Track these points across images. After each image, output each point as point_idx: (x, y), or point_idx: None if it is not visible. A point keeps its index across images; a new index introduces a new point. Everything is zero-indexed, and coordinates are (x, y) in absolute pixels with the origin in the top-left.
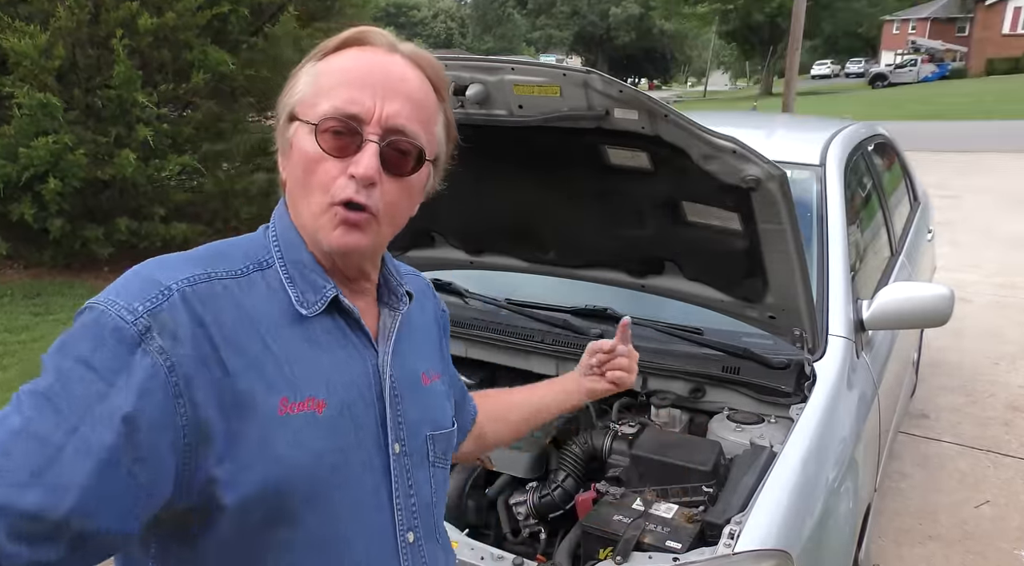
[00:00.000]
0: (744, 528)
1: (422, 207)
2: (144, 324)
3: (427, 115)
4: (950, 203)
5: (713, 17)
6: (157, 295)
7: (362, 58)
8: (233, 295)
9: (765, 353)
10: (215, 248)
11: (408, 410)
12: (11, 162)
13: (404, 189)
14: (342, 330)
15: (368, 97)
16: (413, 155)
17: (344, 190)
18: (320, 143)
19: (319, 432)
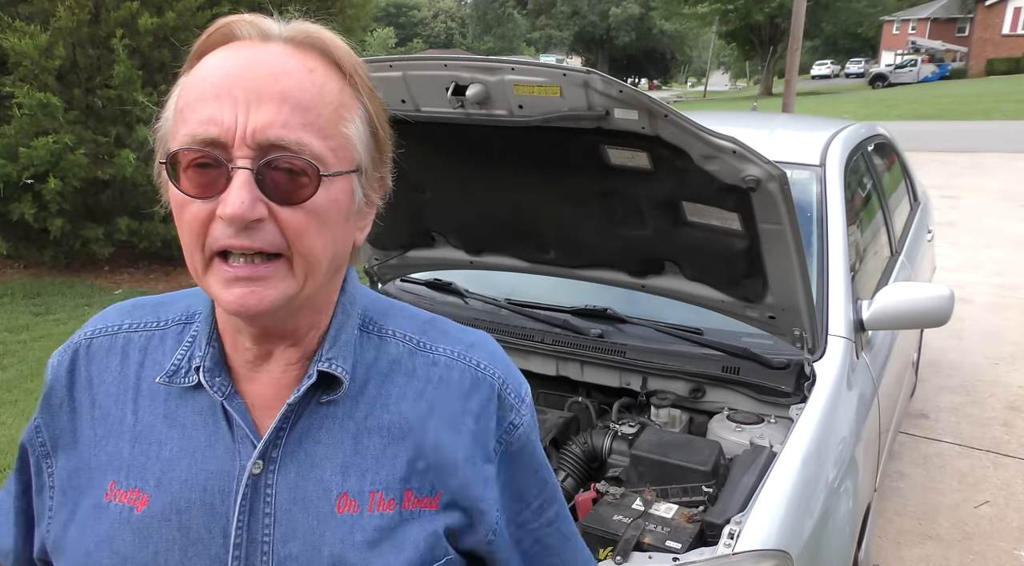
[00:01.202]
0: (744, 528)
1: (422, 207)
2: (49, 384)
3: (320, 115)
4: (950, 203)
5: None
6: (65, 348)
7: (223, 59)
8: (132, 351)
9: (765, 353)
10: (174, 295)
11: (287, 538)
12: (11, 162)
13: (311, 219)
14: (214, 413)
15: (228, 110)
16: (309, 174)
17: (220, 238)
18: (179, 185)
19: (129, 534)
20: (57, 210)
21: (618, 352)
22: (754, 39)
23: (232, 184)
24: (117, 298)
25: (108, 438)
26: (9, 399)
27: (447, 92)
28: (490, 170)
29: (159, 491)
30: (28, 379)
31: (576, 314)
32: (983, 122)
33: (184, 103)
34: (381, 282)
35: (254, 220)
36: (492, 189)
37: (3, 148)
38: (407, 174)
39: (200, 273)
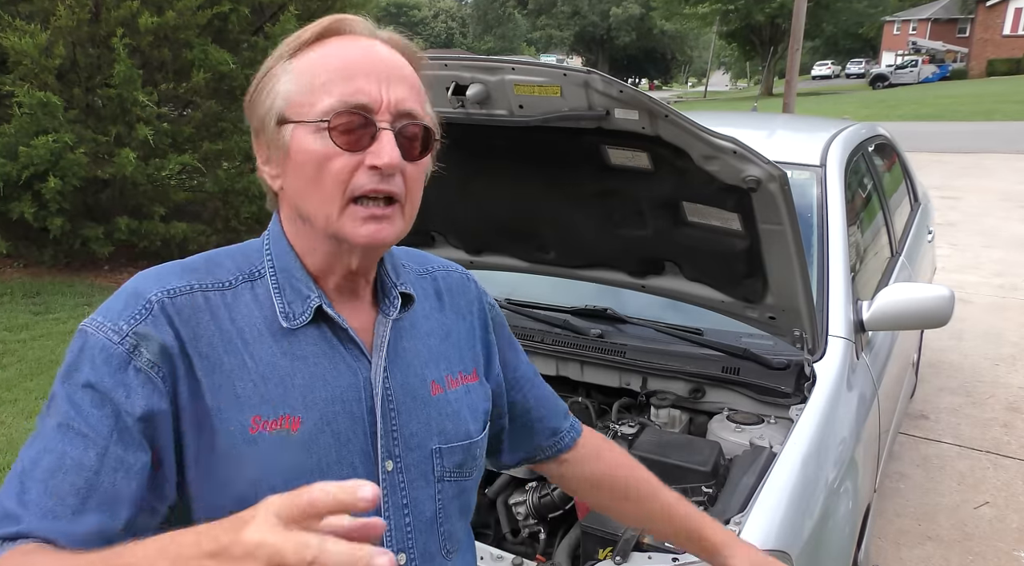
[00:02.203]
0: (744, 528)
1: (422, 207)
2: (131, 342)
3: (423, 97)
4: (950, 204)
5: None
6: (139, 311)
7: (351, 47)
8: (216, 307)
9: (765, 354)
10: (208, 257)
11: (407, 423)
12: (11, 161)
13: (418, 173)
14: (329, 341)
15: (373, 85)
16: (421, 137)
17: (366, 183)
18: (333, 139)
19: (294, 451)
20: (57, 209)
21: (618, 352)
22: (755, 39)
23: (382, 140)
24: None
25: (232, 382)
26: (9, 398)
27: (447, 92)
28: (490, 170)
29: (307, 411)
30: (28, 378)
31: (576, 314)
32: (984, 123)
33: (323, 79)
34: None
35: (396, 172)
36: (492, 189)
37: (3, 147)
38: None
39: (334, 217)
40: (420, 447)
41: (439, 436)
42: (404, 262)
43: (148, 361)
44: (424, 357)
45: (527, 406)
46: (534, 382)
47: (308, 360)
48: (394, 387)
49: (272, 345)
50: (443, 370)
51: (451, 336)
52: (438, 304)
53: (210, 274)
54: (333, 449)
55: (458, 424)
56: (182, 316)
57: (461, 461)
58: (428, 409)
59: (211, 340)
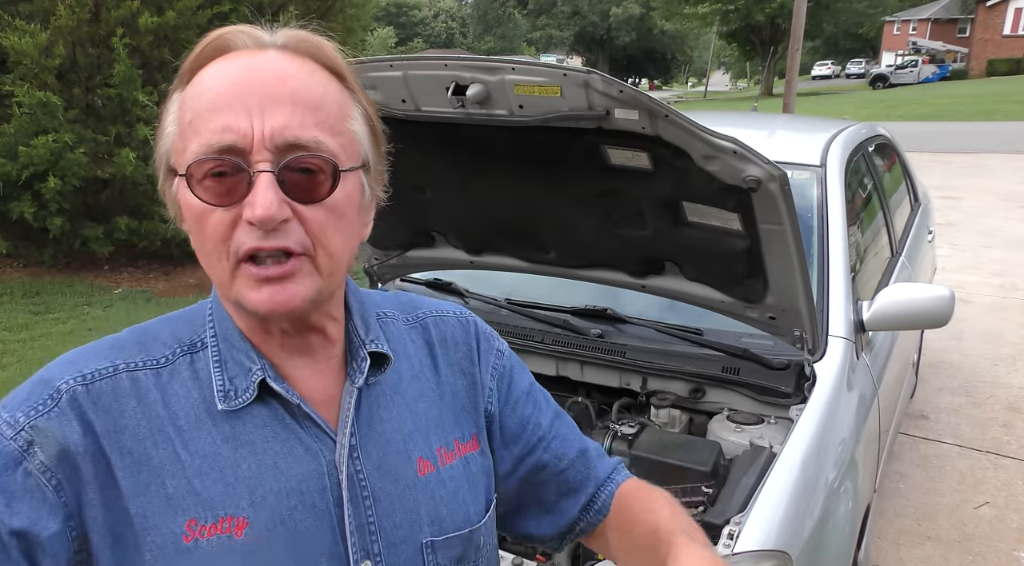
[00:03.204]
0: (743, 529)
1: (422, 207)
2: (25, 438)
3: (329, 114)
4: (951, 204)
5: (714, 18)
6: (44, 401)
7: (225, 69)
8: (145, 391)
9: (765, 354)
10: (144, 329)
11: (389, 513)
12: (11, 160)
13: (331, 215)
14: (281, 421)
15: (242, 117)
16: (325, 171)
17: (247, 242)
18: (199, 194)
19: (237, 561)
20: (57, 209)
21: (618, 352)
22: (755, 39)
23: (256, 187)
24: (117, 297)
25: (162, 480)
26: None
27: (447, 92)
28: (490, 170)
29: (255, 510)
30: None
31: (576, 314)
32: (984, 123)
33: (193, 115)
34: (381, 282)
35: (281, 221)
36: (492, 189)
37: (3, 147)
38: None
39: (226, 281)
40: (407, 541)
41: (431, 526)
42: (388, 310)
43: (41, 464)
44: (409, 429)
45: (559, 468)
46: (567, 437)
47: (256, 446)
48: (368, 469)
49: (212, 431)
50: (435, 442)
51: (446, 397)
52: (430, 359)
53: (143, 350)
54: (291, 555)
55: (455, 508)
56: (100, 405)
57: (460, 555)
58: (415, 494)
59: (136, 431)
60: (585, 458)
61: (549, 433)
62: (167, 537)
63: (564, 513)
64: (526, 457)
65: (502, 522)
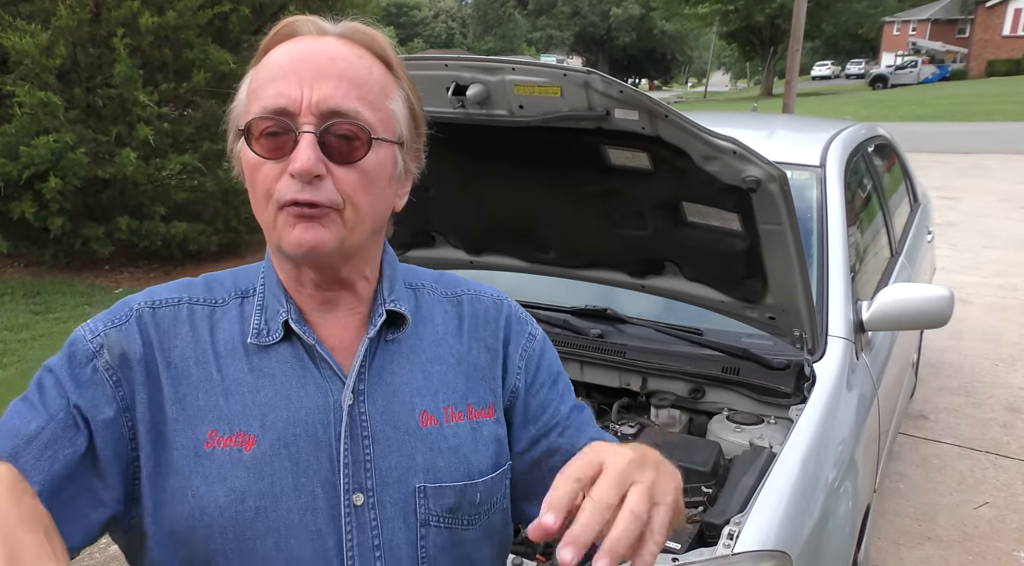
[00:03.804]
0: (743, 529)
1: (423, 207)
2: (99, 342)
3: (371, 91)
4: (950, 204)
5: (714, 18)
6: (119, 317)
7: (289, 50)
8: (199, 321)
9: (765, 354)
10: (214, 276)
11: (385, 455)
12: (12, 160)
13: (362, 177)
14: (300, 360)
15: (294, 86)
16: (361, 138)
17: (287, 191)
18: (255, 148)
19: (243, 471)
20: (57, 209)
21: (618, 352)
22: (754, 40)
23: (299, 145)
24: (117, 297)
25: (196, 394)
26: (9, 398)
27: (448, 92)
28: (490, 170)
29: (265, 431)
30: (28, 377)
31: (576, 314)
32: (983, 123)
33: (256, 85)
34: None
35: (316, 176)
36: (492, 189)
37: (4, 147)
38: None
39: (271, 224)
40: (400, 483)
41: (426, 473)
42: (427, 282)
43: (106, 364)
44: (418, 384)
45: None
46: (582, 426)
47: (275, 378)
48: (371, 413)
49: (243, 361)
50: (442, 401)
51: (463, 364)
52: (457, 330)
53: (207, 291)
54: (289, 474)
55: (454, 462)
56: (160, 326)
57: (454, 505)
58: (414, 442)
59: (184, 351)
60: None
61: (566, 420)
62: (191, 440)
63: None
64: (541, 439)
65: (516, 507)
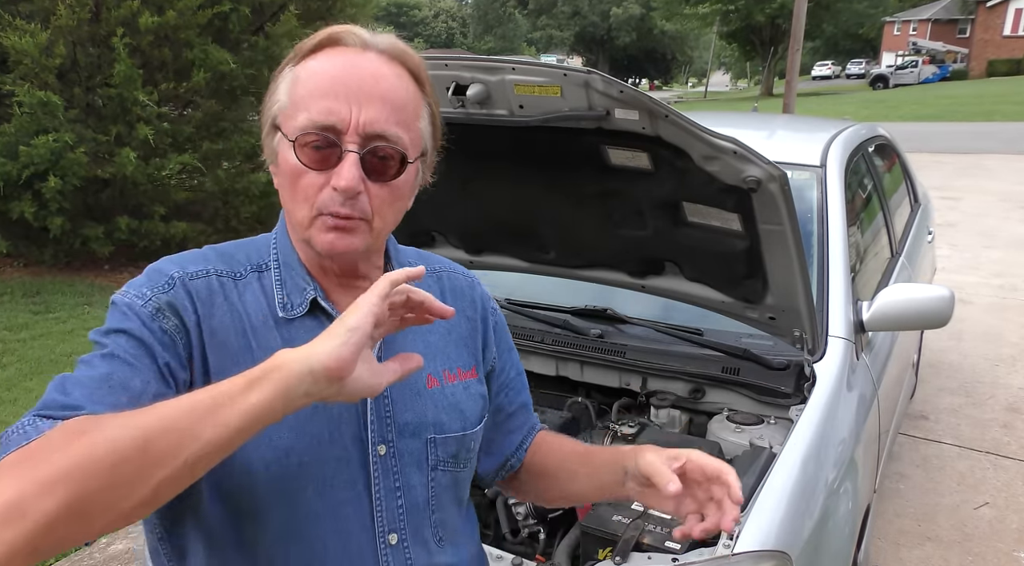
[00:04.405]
0: (743, 529)
1: (423, 207)
2: (155, 304)
3: (408, 114)
4: (950, 204)
5: (714, 18)
6: (163, 284)
7: (335, 61)
8: (229, 292)
9: (765, 354)
10: (221, 249)
11: (402, 412)
12: (11, 160)
13: (391, 192)
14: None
15: (343, 105)
16: (396, 159)
17: (329, 204)
18: (300, 157)
19: (287, 431)
20: (57, 209)
21: (618, 352)
22: (755, 40)
23: (344, 162)
24: None
25: (236, 362)
26: (8, 397)
27: (448, 92)
28: (490, 170)
29: None
30: (27, 377)
31: (576, 314)
32: (984, 123)
33: (304, 93)
34: None
35: (357, 193)
36: (492, 189)
37: (3, 146)
38: None
39: (306, 224)
40: (415, 435)
41: (434, 426)
42: (413, 261)
43: (175, 326)
44: (422, 352)
45: (510, 412)
46: (520, 389)
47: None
48: None
49: (275, 332)
50: (441, 365)
51: (452, 334)
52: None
53: (224, 263)
54: (326, 430)
55: (454, 417)
56: (200, 296)
57: (455, 451)
58: (423, 400)
59: (223, 320)
60: (527, 408)
61: (512, 383)
62: None
63: (503, 450)
64: (493, 397)
65: None
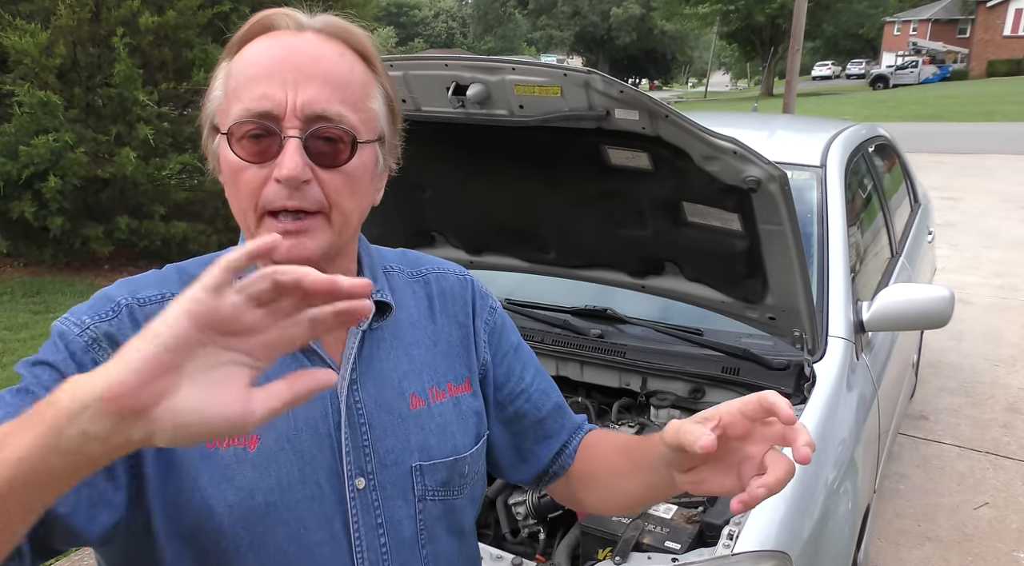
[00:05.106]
0: (743, 529)
1: (422, 206)
2: (91, 334)
3: (354, 92)
4: (950, 204)
5: (714, 18)
6: (106, 311)
7: (268, 46)
8: None
9: (765, 354)
10: (181, 267)
11: (382, 439)
12: (11, 160)
13: (346, 179)
14: (293, 354)
15: (278, 88)
16: (346, 141)
17: (275, 199)
18: (237, 151)
19: (249, 469)
20: (57, 208)
21: (618, 352)
22: (755, 40)
23: (285, 150)
24: None
25: None
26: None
27: (448, 92)
28: (490, 170)
29: (266, 429)
30: None
31: (576, 314)
32: (984, 124)
33: (236, 84)
34: None
35: (303, 181)
36: (492, 189)
37: (3, 146)
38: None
39: (253, 230)
40: (397, 464)
41: (420, 452)
42: (395, 265)
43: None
44: (404, 368)
45: (538, 417)
46: (547, 391)
47: (269, 375)
48: (366, 400)
49: None
50: (427, 381)
51: (440, 344)
52: (428, 310)
53: (184, 284)
54: (295, 467)
55: (443, 439)
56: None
57: (446, 479)
58: (406, 424)
59: None
60: (561, 410)
61: (531, 386)
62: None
63: (540, 458)
64: (508, 405)
65: (491, 466)
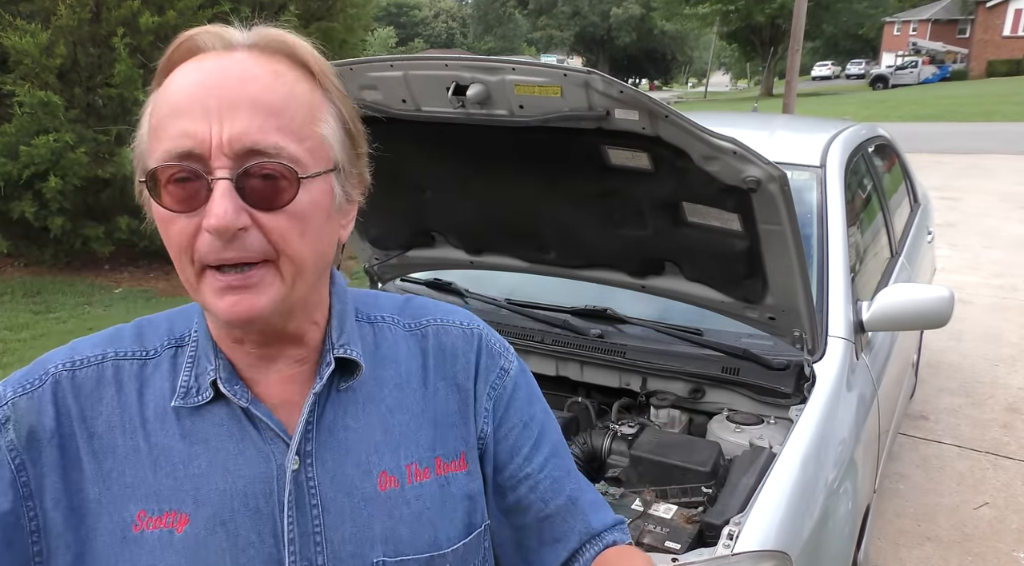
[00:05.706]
0: (743, 529)
1: (422, 207)
2: (5, 413)
3: (292, 118)
4: (950, 205)
5: (714, 18)
6: (32, 381)
7: (191, 72)
8: (126, 380)
9: (765, 354)
10: (149, 320)
11: (338, 526)
12: (12, 160)
13: (294, 223)
14: (238, 421)
15: (201, 122)
16: (288, 178)
17: (208, 252)
18: (163, 201)
19: (173, 556)
20: (57, 208)
21: (618, 352)
22: (755, 40)
23: (213, 195)
24: (117, 297)
25: (122, 469)
26: None
27: (448, 92)
28: (490, 170)
29: (198, 508)
30: None
31: (576, 314)
32: (983, 124)
33: (157, 120)
34: (381, 282)
35: (239, 229)
36: (492, 189)
37: (4, 146)
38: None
39: (193, 284)
40: (356, 557)
41: (385, 545)
42: (389, 314)
43: (10, 443)
44: (376, 440)
45: (545, 513)
46: (559, 479)
47: (210, 444)
48: (320, 477)
49: (174, 426)
50: (404, 457)
51: (428, 411)
52: (421, 369)
53: (138, 341)
54: (227, 556)
55: (418, 530)
56: (81, 391)
57: None
58: (370, 509)
59: (109, 419)
60: (574, 507)
61: (540, 472)
62: (118, 524)
63: (543, 563)
64: (509, 492)
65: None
